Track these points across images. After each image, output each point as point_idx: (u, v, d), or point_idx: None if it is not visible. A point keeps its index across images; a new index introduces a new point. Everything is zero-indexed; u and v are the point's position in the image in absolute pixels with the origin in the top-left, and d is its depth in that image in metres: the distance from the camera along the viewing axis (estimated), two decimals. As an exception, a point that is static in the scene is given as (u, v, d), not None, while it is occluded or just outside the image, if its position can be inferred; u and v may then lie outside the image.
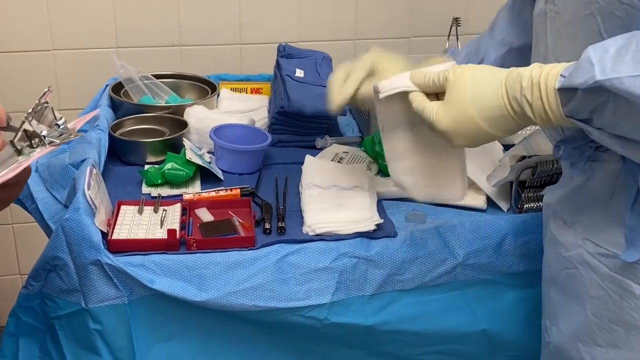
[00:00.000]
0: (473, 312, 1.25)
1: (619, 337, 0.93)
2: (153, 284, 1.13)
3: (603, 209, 0.94)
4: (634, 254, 0.88)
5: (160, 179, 1.36)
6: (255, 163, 1.47)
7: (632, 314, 0.90)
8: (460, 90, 0.91)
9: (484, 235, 1.25)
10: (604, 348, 0.95)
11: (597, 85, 0.77)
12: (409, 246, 1.22)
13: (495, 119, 0.89)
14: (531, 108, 0.85)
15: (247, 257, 1.18)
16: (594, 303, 0.95)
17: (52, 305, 1.17)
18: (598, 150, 0.93)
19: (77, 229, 1.13)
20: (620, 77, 0.76)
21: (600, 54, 0.78)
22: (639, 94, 0.75)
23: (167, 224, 1.23)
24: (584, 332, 0.98)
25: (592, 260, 0.95)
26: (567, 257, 1.00)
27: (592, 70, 0.78)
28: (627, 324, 0.92)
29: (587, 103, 0.81)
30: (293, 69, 1.64)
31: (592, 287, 0.95)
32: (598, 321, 0.95)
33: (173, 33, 2.02)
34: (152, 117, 1.57)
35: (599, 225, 0.94)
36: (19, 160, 0.88)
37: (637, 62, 0.76)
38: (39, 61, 2.00)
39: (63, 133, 0.91)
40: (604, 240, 0.93)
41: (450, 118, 0.91)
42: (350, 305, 1.20)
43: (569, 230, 1.00)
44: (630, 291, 0.90)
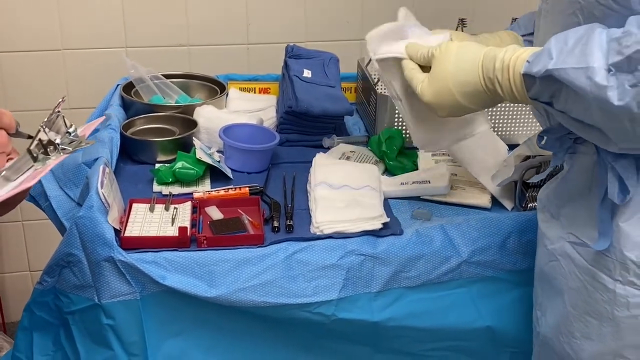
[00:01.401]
0: (477, 308, 1.27)
1: (592, 329, 0.96)
2: (164, 280, 1.16)
3: (584, 202, 0.97)
4: (603, 243, 0.91)
5: (171, 177, 1.39)
6: (264, 162, 1.49)
7: (604, 306, 0.93)
8: (442, 65, 0.99)
9: (489, 233, 1.27)
10: (579, 340, 0.98)
11: (548, 74, 0.84)
12: (414, 244, 1.24)
13: (471, 94, 0.97)
14: (501, 88, 0.93)
15: (256, 255, 1.20)
16: (572, 295, 0.98)
17: (65, 300, 1.20)
18: (576, 142, 0.98)
19: (91, 226, 1.15)
20: (566, 68, 0.82)
21: (561, 46, 0.84)
22: (580, 85, 0.81)
23: (178, 221, 1.25)
24: (563, 324, 1.01)
25: (572, 252, 0.98)
26: (551, 249, 1.03)
27: (548, 60, 0.84)
28: (599, 316, 0.94)
29: (545, 89, 0.88)
30: (301, 69, 1.66)
31: (571, 278, 0.98)
32: (575, 313, 0.98)
33: (181, 33, 2.04)
34: (162, 116, 1.60)
35: (580, 218, 0.97)
36: (35, 166, 0.90)
37: (583, 55, 0.81)
38: (49, 61, 2.02)
39: (74, 140, 0.94)
40: (583, 232, 0.96)
41: (433, 91, 1.00)
42: (357, 302, 1.22)
43: (556, 224, 1.03)
44: (602, 283, 0.93)
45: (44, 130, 0.91)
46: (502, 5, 1.97)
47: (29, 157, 0.90)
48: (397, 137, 1.49)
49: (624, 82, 0.78)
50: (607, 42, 0.80)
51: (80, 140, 0.95)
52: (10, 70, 2.01)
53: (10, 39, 1.97)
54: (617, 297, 0.91)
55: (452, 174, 1.41)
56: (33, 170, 0.90)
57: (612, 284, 0.92)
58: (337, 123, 1.62)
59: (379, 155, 1.51)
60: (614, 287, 0.91)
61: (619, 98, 0.78)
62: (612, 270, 0.92)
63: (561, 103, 0.88)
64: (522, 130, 1.59)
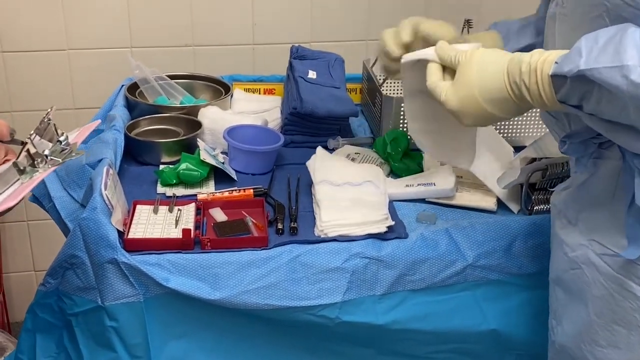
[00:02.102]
0: (482, 312, 1.27)
1: (620, 338, 0.94)
2: (168, 283, 1.15)
3: (606, 207, 0.95)
4: (634, 251, 0.89)
5: (175, 179, 1.38)
6: (268, 163, 1.48)
7: (633, 315, 0.92)
8: (467, 72, 0.96)
9: (494, 236, 1.26)
10: (605, 348, 0.96)
11: (581, 74, 0.82)
12: (419, 247, 1.23)
13: (497, 101, 0.94)
14: (529, 92, 0.90)
15: (260, 257, 1.20)
16: (597, 303, 0.96)
17: (69, 302, 1.20)
18: (601, 147, 0.96)
19: (94, 228, 1.15)
20: (599, 68, 0.80)
21: (591, 45, 0.82)
22: (615, 84, 0.79)
23: (181, 223, 1.24)
24: (586, 332, 0.99)
25: (596, 260, 0.96)
26: (572, 257, 1.01)
27: (579, 59, 0.82)
28: (628, 324, 0.93)
29: (575, 90, 0.85)
30: (306, 70, 1.66)
31: (596, 287, 0.96)
32: (600, 321, 0.96)
33: (186, 33, 2.04)
34: (167, 117, 1.59)
35: (602, 225, 0.96)
36: (21, 179, 0.89)
37: (617, 54, 0.79)
38: (54, 61, 2.02)
39: (64, 149, 0.93)
40: (607, 239, 0.94)
41: (458, 98, 0.97)
42: (361, 305, 1.22)
43: (574, 230, 1.01)
44: (632, 292, 0.91)
45: (32, 141, 0.90)
46: (507, 6, 1.95)
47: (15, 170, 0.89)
48: (402, 138, 1.49)
49: None
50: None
51: (71, 150, 0.94)
52: (15, 70, 2.01)
53: (15, 39, 1.97)
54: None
55: (457, 176, 1.40)
56: (19, 183, 0.89)
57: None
58: (342, 124, 1.62)
59: (384, 157, 1.50)
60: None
61: None
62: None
63: (592, 104, 0.85)
64: (528, 132, 1.58)
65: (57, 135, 0.94)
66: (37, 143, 0.91)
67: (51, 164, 0.91)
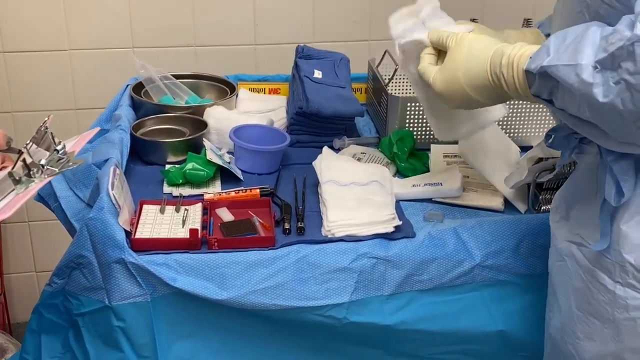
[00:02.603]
0: (490, 313, 1.26)
1: (595, 330, 0.96)
2: (175, 283, 1.15)
3: (591, 203, 0.97)
4: (602, 243, 0.92)
5: (182, 178, 1.38)
6: (274, 163, 1.48)
7: (605, 307, 0.93)
8: (455, 57, 1.00)
9: (502, 236, 1.26)
10: (582, 341, 0.98)
11: (543, 70, 0.85)
12: (427, 247, 1.23)
13: (480, 88, 0.98)
14: (506, 84, 0.94)
15: (268, 257, 1.19)
16: (577, 295, 0.98)
17: (75, 302, 1.19)
18: (582, 142, 0.98)
19: (101, 227, 1.14)
20: (557, 65, 0.83)
21: (559, 43, 0.85)
22: (569, 82, 0.82)
23: (188, 223, 1.24)
24: (567, 324, 1.01)
25: (576, 252, 0.98)
26: (559, 249, 1.03)
27: (545, 56, 0.85)
28: (601, 317, 0.95)
29: (543, 86, 0.89)
30: (311, 70, 1.65)
31: (576, 279, 0.98)
32: (579, 313, 0.98)
33: (188, 34, 2.04)
34: (172, 117, 1.59)
35: (587, 220, 0.97)
36: (16, 189, 0.87)
37: (574, 52, 0.82)
38: (55, 61, 2.01)
39: (62, 158, 0.92)
40: (588, 233, 0.96)
41: (444, 82, 1.02)
42: (369, 305, 1.21)
43: (565, 224, 1.03)
44: (603, 284, 0.93)
45: (28, 151, 0.88)
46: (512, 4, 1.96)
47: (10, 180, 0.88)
48: (408, 138, 1.48)
49: (608, 79, 0.79)
50: (599, 39, 0.81)
51: (69, 159, 0.92)
52: (16, 71, 2.01)
53: (17, 39, 1.97)
54: (616, 299, 0.92)
55: (464, 176, 1.40)
56: (14, 194, 0.87)
57: (612, 285, 0.92)
58: (347, 124, 1.61)
59: (390, 157, 1.50)
60: (614, 288, 0.92)
61: (604, 95, 0.79)
62: (612, 272, 0.92)
63: (559, 100, 0.88)
64: (535, 132, 1.58)
65: (54, 144, 0.92)
66: (34, 152, 0.89)
67: (47, 174, 0.89)
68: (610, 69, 0.78)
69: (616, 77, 0.78)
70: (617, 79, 0.78)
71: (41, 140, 0.91)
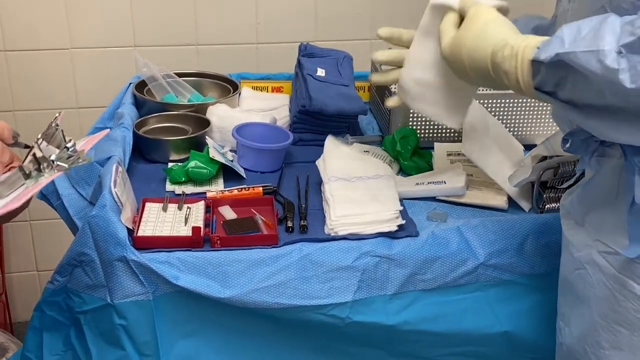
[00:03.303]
0: (495, 313, 1.25)
1: (622, 339, 0.93)
2: (177, 281, 1.14)
3: (611, 207, 0.94)
4: (635, 249, 0.89)
5: (184, 176, 1.37)
6: (277, 161, 1.48)
7: (635, 315, 0.91)
8: (467, 30, 0.99)
9: (506, 235, 1.25)
10: (608, 350, 0.95)
11: (558, 59, 0.82)
12: (430, 246, 1.22)
13: (479, 71, 0.97)
14: (507, 75, 0.92)
15: (270, 255, 1.19)
16: (600, 304, 0.96)
17: (77, 300, 1.19)
18: (603, 144, 0.95)
19: (104, 225, 1.14)
20: (576, 52, 0.80)
21: (574, 33, 0.82)
22: (590, 69, 0.79)
23: (191, 221, 1.24)
24: (590, 334, 0.98)
25: (600, 259, 0.95)
26: (577, 257, 1.00)
27: (557, 45, 0.83)
28: (631, 326, 0.92)
29: (550, 76, 0.87)
30: (314, 68, 1.65)
31: (599, 287, 0.95)
32: (603, 323, 0.95)
33: (190, 32, 2.04)
34: (175, 115, 1.59)
35: (607, 225, 0.95)
36: (26, 184, 0.87)
37: (594, 39, 0.79)
38: (57, 60, 2.01)
39: (72, 155, 0.91)
40: (611, 239, 0.94)
41: (451, 51, 1.01)
42: (372, 304, 1.21)
43: (581, 230, 1.00)
44: (633, 292, 0.90)
45: (39, 146, 0.88)
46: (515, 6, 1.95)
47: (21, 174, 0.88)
48: (411, 136, 1.48)
49: (636, 64, 0.76)
50: (620, 26, 0.78)
51: (79, 156, 0.92)
52: (18, 69, 2.00)
53: (18, 38, 1.97)
54: None
55: (468, 174, 1.39)
56: (24, 187, 0.87)
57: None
58: (350, 122, 1.61)
59: (394, 155, 1.49)
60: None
61: (632, 80, 0.76)
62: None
63: (567, 91, 0.86)
64: (539, 130, 1.58)
65: (64, 142, 0.92)
66: (44, 148, 0.89)
67: (57, 169, 0.89)
68: (638, 52, 0.76)
69: None
70: None
71: (51, 137, 0.91)
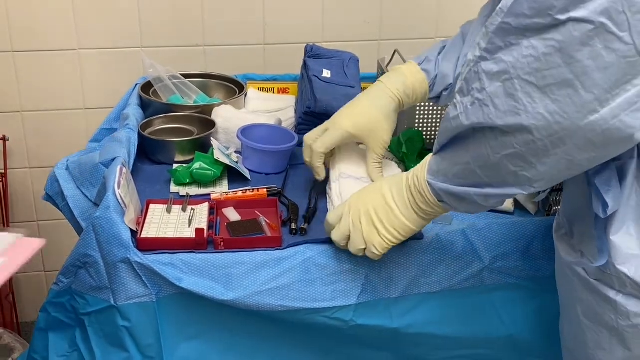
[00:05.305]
0: (500, 316, 1.25)
1: (604, 339, 0.96)
2: (181, 283, 1.14)
3: (588, 219, 0.97)
4: (601, 259, 0.92)
5: (189, 178, 1.37)
6: (282, 163, 1.47)
7: (610, 316, 0.94)
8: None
9: (511, 238, 1.24)
10: (593, 350, 0.98)
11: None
12: (435, 249, 1.22)
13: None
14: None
15: (274, 257, 1.18)
16: (584, 305, 0.98)
17: (81, 301, 1.19)
18: None
19: (107, 227, 1.14)
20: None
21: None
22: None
23: (195, 223, 1.23)
24: (578, 334, 1.01)
25: (578, 268, 0.98)
26: (564, 261, 1.03)
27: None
28: (608, 326, 0.95)
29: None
30: (320, 69, 1.64)
31: (581, 291, 0.98)
32: (589, 323, 0.98)
33: (197, 33, 2.03)
34: (180, 116, 1.59)
35: (587, 235, 0.97)
36: None
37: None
38: (65, 60, 2.01)
39: None
40: (589, 250, 0.96)
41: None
42: (376, 307, 1.20)
43: (569, 241, 1.03)
44: (606, 294, 0.93)
45: None
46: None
47: None
48: (417, 138, 1.47)
49: (466, 104, 0.88)
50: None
51: None
52: (26, 70, 2.01)
53: (26, 38, 1.97)
54: (618, 307, 0.92)
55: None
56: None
57: (614, 294, 0.92)
58: (356, 124, 1.60)
59: (399, 157, 1.49)
60: (615, 297, 0.92)
61: (466, 118, 0.89)
62: (612, 283, 0.92)
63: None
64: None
65: None
66: None
67: None
68: (463, 94, 0.88)
69: (471, 100, 0.87)
70: (472, 101, 0.87)
71: None
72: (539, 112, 0.81)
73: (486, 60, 0.85)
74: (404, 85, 1.28)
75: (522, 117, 0.82)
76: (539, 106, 0.81)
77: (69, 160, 1.43)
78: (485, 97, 0.85)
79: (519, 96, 0.82)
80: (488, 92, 0.85)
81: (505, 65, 0.83)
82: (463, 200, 0.98)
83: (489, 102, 0.85)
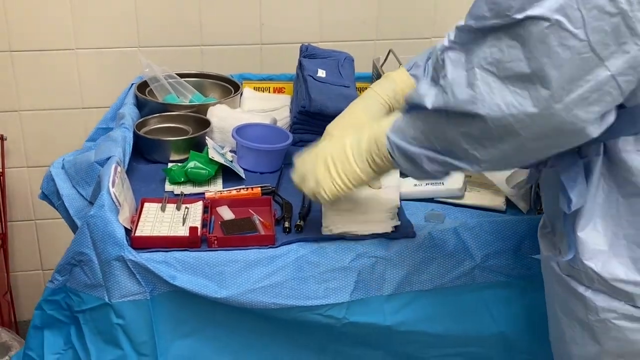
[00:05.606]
0: (491, 314, 1.26)
1: (577, 334, 0.98)
2: (174, 281, 1.15)
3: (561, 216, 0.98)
4: (569, 254, 0.94)
5: (183, 177, 1.38)
6: (277, 162, 1.48)
7: (581, 310, 0.96)
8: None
9: (503, 236, 1.25)
10: (568, 344, 1.01)
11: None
12: (427, 247, 1.23)
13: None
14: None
15: (267, 255, 1.19)
16: (559, 301, 1.01)
17: (76, 299, 1.20)
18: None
19: (102, 225, 1.15)
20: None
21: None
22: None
23: (189, 221, 1.24)
24: (558, 329, 1.04)
25: (553, 264, 1.01)
26: (544, 257, 1.06)
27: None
28: (581, 322, 0.97)
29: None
30: (315, 69, 1.65)
31: (557, 286, 1.01)
32: (565, 318, 1.00)
33: (194, 33, 2.04)
34: (176, 115, 1.59)
35: (563, 233, 0.99)
36: None
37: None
38: (62, 60, 2.02)
39: None
40: (563, 246, 0.98)
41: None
42: (369, 305, 1.21)
43: (551, 238, 1.04)
44: (576, 289, 0.96)
45: None
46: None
47: None
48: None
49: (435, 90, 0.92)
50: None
51: None
52: (24, 70, 2.02)
53: (24, 38, 1.98)
54: (587, 302, 0.94)
55: (466, 176, 1.39)
56: None
57: (583, 290, 0.95)
58: (350, 124, 1.61)
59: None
60: (584, 292, 0.95)
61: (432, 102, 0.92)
62: (582, 279, 0.95)
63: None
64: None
65: None
66: None
67: None
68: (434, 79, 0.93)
69: (435, 84, 0.92)
70: (436, 85, 0.92)
71: None
72: (496, 103, 0.84)
73: (453, 50, 0.90)
74: (394, 91, 1.32)
75: (477, 106, 0.86)
76: (496, 97, 0.84)
77: (65, 159, 1.44)
78: (446, 84, 0.89)
79: (478, 85, 0.85)
80: (449, 80, 0.89)
81: (469, 55, 0.87)
82: (411, 162, 1.01)
83: (449, 89, 0.89)
